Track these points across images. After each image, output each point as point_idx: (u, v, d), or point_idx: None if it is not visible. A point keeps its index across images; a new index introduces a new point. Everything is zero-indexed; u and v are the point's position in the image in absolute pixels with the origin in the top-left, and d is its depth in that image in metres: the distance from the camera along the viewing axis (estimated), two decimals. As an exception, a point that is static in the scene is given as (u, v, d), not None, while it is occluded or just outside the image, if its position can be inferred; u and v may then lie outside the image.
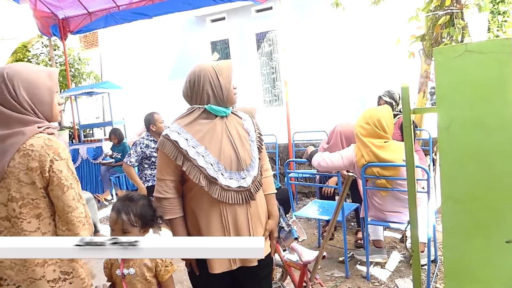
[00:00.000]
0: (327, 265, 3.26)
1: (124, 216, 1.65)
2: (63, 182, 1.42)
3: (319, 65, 7.61)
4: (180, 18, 8.95)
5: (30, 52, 9.93)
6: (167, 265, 1.70)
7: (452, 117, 1.18)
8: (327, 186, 3.60)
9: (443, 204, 1.22)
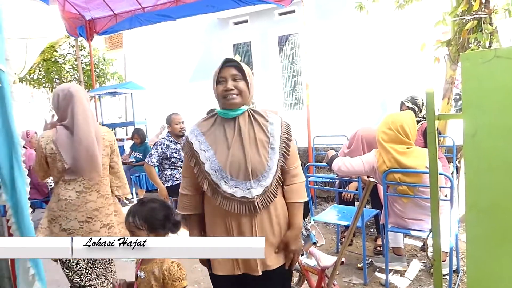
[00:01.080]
0: (345, 271, 3.23)
1: (131, 219, 1.67)
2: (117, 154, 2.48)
3: (340, 69, 7.56)
4: (203, 21, 9.04)
5: (58, 52, 10.19)
6: (174, 280, 1.63)
7: (478, 124, 1.15)
8: (347, 191, 3.56)
9: (467, 213, 1.19)
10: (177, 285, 1.64)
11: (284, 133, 1.75)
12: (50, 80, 10.00)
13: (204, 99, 9.14)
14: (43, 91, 10.53)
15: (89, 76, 8.92)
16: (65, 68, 9.97)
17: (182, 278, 1.65)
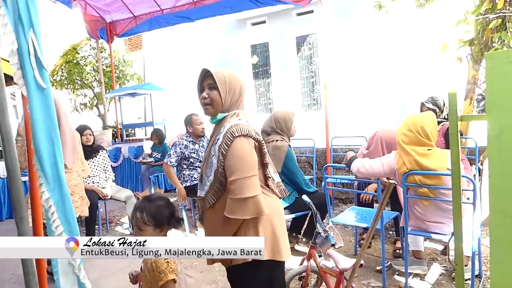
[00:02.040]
0: (363, 273, 3.19)
1: (138, 214, 1.74)
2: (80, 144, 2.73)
3: (359, 69, 7.48)
4: (221, 22, 9.08)
5: (79, 54, 10.40)
6: (160, 272, 1.64)
7: (503, 125, 1.13)
8: (365, 192, 3.52)
9: (491, 216, 1.16)
10: (163, 277, 1.64)
11: (222, 143, 1.71)
12: (72, 82, 10.22)
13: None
14: (65, 92, 10.76)
15: (109, 77, 9.08)
16: (86, 69, 10.16)
17: (168, 271, 1.64)
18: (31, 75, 1.72)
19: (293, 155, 3.46)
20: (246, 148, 1.70)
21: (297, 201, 3.43)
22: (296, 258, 3.56)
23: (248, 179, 1.67)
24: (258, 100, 9.36)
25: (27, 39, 1.67)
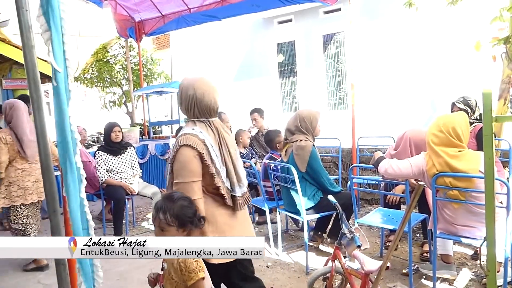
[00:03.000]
0: (389, 276, 3.13)
1: (161, 215, 1.70)
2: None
3: (387, 68, 7.34)
4: (248, 20, 9.09)
5: (109, 52, 10.65)
6: (190, 272, 1.63)
7: (543, 127, 1.07)
8: (393, 194, 3.45)
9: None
10: (193, 277, 1.63)
11: (172, 150, 1.99)
12: (102, 80, 10.47)
13: (248, 98, 9.22)
14: (95, 89, 11.04)
15: (137, 75, 9.25)
16: (116, 68, 10.39)
17: (198, 270, 1.64)
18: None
19: (317, 155, 3.42)
20: (187, 157, 1.89)
21: (322, 201, 3.40)
22: (321, 258, 3.54)
23: (187, 184, 1.89)
24: (283, 99, 9.33)
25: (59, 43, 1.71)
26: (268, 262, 3.57)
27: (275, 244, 3.82)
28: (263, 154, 5.18)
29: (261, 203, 4.05)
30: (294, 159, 3.38)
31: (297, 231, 4.41)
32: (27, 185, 3.52)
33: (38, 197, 3.60)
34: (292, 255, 3.72)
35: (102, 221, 4.66)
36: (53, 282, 1.90)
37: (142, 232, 4.73)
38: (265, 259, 3.65)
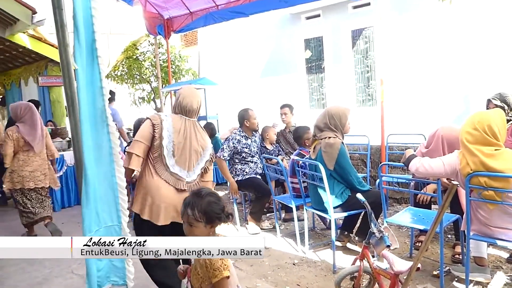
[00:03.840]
0: (419, 277, 3.06)
1: (190, 211, 1.72)
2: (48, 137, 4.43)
3: (418, 63, 7.15)
4: (275, 16, 9.06)
5: (138, 50, 10.85)
6: (214, 269, 1.63)
7: None
8: (424, 193, 3.36)
9: None
10: (217, 275, 1.63)
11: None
12: (131, 77, 10.69)
13: (275, 95, 9.20)
14: (125, 86, 11.29)
15: (166, 72, 9.38)
16: (145, 65, 10.58)
17: (223, 268, 1.63)
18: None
19: (346, 153, 3.37)
20: (144, 125, 2.56)
21: (350, 199, 3.35)
22: (348, 257, 3.50)
23: (135, 141, 2.51)
24: (310, 96, 9.26)
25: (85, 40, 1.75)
26: (295, 260, 3.56)
27: (301, 241, 3.80)
28: (289, 151, 5.15)
29: (287, 200, 4.03)
30: (323, 156, 3.34)
31: (323, 230, 4.38)
32: (24, 174, 4.24)
33: (35, 184, 4.30)
34: (319, 253, 3.69)
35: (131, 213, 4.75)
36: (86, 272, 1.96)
37: (170, 226, 4.81)
38: (292, 257, 3.64)
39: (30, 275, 3.46)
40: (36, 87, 8.17)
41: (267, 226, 4.49)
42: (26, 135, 4.21)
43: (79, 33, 1.69)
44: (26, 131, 4.22)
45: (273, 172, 4.23)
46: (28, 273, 3.50)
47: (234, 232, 4.44)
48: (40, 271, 3.54)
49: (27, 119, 4.26)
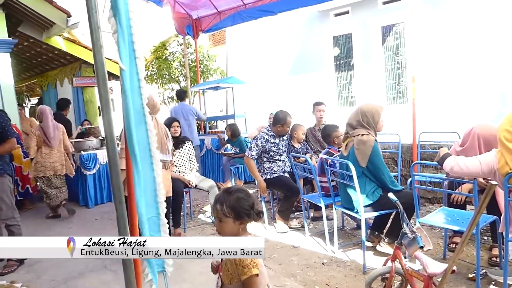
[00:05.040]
0: (453, 280, 2.96)
1: (219, 206, 1.74)
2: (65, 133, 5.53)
3: (451, 59, 6.93)
4: (303, 14, 8.99)
5: (168, 50, 11.03)
6: (244, 267, 1.64)
7: None
8: (459, 193, 3.24)
9: None
10: (246, 272, 1.63)
11: None
12: (161, 77, 10.88)
13: (303, 93, 9.15)
14: (155, 86, 11.50)
15: (194, 72, 9.50)
16: (174, 65, 10.74)
17: (252, 266, 1.63)
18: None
19: (379, 151, 3.30)
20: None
21: (381, 198, 3.28)
22: (378, 258, 3.43)
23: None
24: (339, 93, 9.14)
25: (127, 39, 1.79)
26: (324, 259, 3.52)
27: (330, 241, 3.76)
28: (318, 150, 5.10)
29: (316, 199, 4.00)
30: (355, 153, 3.29)
31: (353, 229, 4.31)
32: (46, 164, 5.19)
33: (54, 172, 5.25)
34: (349, 253, 3.64)
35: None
36: (119, 268, 2.01)
37: (199, 224, 4.86)
38: (321, 256, 3.61)
39: (66, 270, 3.58)
40: (71, 88, 8.45)
41: (296, 225, 4.47)
42: (45, 134, 5.14)
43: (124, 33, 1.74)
44: (44, 130, 5.15)
45: (301, 170, 4.20)
46: (64, 268, 3.63)
47: (262, 230, 4.44)
48: (76, 266, 3.66)
49: (44, 121, 5.18)
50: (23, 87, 12.16)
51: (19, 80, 10.96)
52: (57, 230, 4.96)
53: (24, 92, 13.01)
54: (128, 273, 1.88)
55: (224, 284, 1.77)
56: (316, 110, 5.30)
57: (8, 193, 3.62)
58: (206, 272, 1.96)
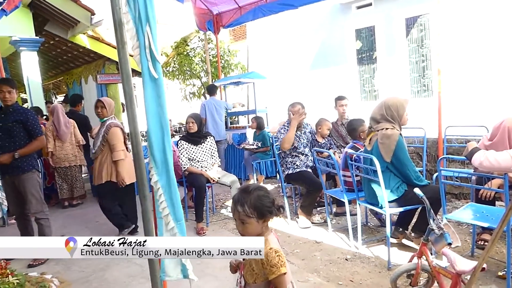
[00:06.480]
0: (482, 278, 2.88)
1: (240, 208, 1.68)
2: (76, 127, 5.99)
3: (479, 50, 6.70)
4: (325, 7, 8.88)
5: (189, 46, 11.09)
6: (272, 266, 1.60)
7: None
8: (488, 188, 3.14)
9: None
10: (275, 271, 1.60)
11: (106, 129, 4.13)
12: (182, 73, 10.97)
13: (324, 87, 9.05)
14: (176, 82, 11.60)
15: (215, 67, 9.53)
16: (195, 60, 10.80)
17: (280, 264, 1.60)
18: (146, 67, 1.86)
19: (404, 145, 3.23)
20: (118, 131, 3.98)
21: (406, 194, 3.21)
22: (403, 253, 3.37)
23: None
24: (362, 87, 9.00)
25: (144, 34, 1.81)
26: (347, 255, 3.49)
27: (354, 236, 3.71)
28: (341, 145, 5.04)
29: (339, 194, 3.96)
30: (379, 148, 3.23)
31: (377, 226, 4.25)
32: (60, 156, 5.73)
33: (69, 163, 5.78)
34: (372, 249, 3.59)
35: (185, 207, 4.90)
36: (144, 262, 2.03)
37: (221, 219, 4.89)
38: (344, 252, 3.57)
39: (93, 262, 3.66)
40: (95, 85, 8.62)
41: (318, 220, 4.44)
42: (56, 129, 5.66)
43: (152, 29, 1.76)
44: (56, 126, 5.66)
45: (324, 165, 4.16)
46: (92, 260, 3.71)
47: (284, 225, 4.43)
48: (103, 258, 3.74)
49: (54, 118, 5.67)
50: (49, 84, 12.48)
51: (46, 78, 11.25)
52: (83, 222, 5.11)
53: (51, 89, 13.36)
54: (153, 268, 1.91)
55: (247, 284, 1.74)
56: (339, 105, 5.22)
57: (37, 187, 3.73)
58: (228, 266, 1.95)
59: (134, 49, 1.86)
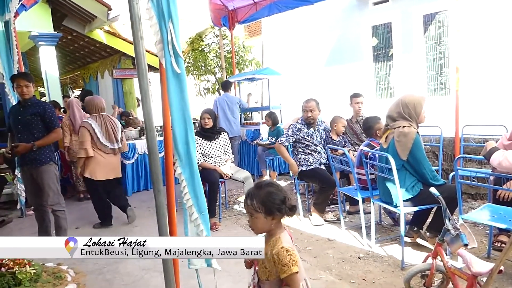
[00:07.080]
0: (499, 280, 2.82)
1: (249, 201, 1.69)
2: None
3: (498, 48, 6.55)
4: (341, 3, 8.80)
5: (204, 41, 11.11)
6: (283, 265, 1.60)
7: None
8: (507, 189, 3.07)
9: None
10: (286, 270, 1.59)
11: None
12: (197, 68, 10.99)
13: (340, 84, 8.97)
14: (191, 77, 11.64)
15: (230, 63, 9.52)
16: (210, 56, 10.81)
17: (291, 264, 1.59)
18: (169, 62, 1.87)
19: (421, 143, 3.18)
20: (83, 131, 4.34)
21: (422, 193, 3.17)
22: (417, 253, 3.33)
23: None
24: (377, 85, 8.90)
25: (167, 30, 1.82)
26: (360, 253, 3.46)
27: (367, 235, 3.68)
28: (355, 142, 5.00)
29: (353, 192, 3.92)
30: (395, 146, 3.18)
31: (391, 225, 4.20)
32: (76, 149, 5.41)
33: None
34: (386, 248, 3.55)
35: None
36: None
37: (234, 214, 4.91)
38: (357, 250, 3.55)
39: (107, 255, 3.71)
40: (111, 80, 8.72)
41: (331, 218, 4.42)
42: (72, 123, 5.75)
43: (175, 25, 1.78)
44: (72, 120, 5.75)
45: (338, 163, 4.13)
46: (105, 253, 3.77)
47: (297, 222, 4.42)
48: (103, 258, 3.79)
49: (70, 112, 5.77)
50: (67, 79, 12.67)
51: (63, 72, 11.43)
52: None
53: (68, 84, 13.56)
54: (166, 262, 1.93)
55: (260, 280, 1.74)
56: (354, 102, 5.17)
57: (55, 180, 3.80)
58: (241, 261, 1.95)
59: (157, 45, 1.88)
